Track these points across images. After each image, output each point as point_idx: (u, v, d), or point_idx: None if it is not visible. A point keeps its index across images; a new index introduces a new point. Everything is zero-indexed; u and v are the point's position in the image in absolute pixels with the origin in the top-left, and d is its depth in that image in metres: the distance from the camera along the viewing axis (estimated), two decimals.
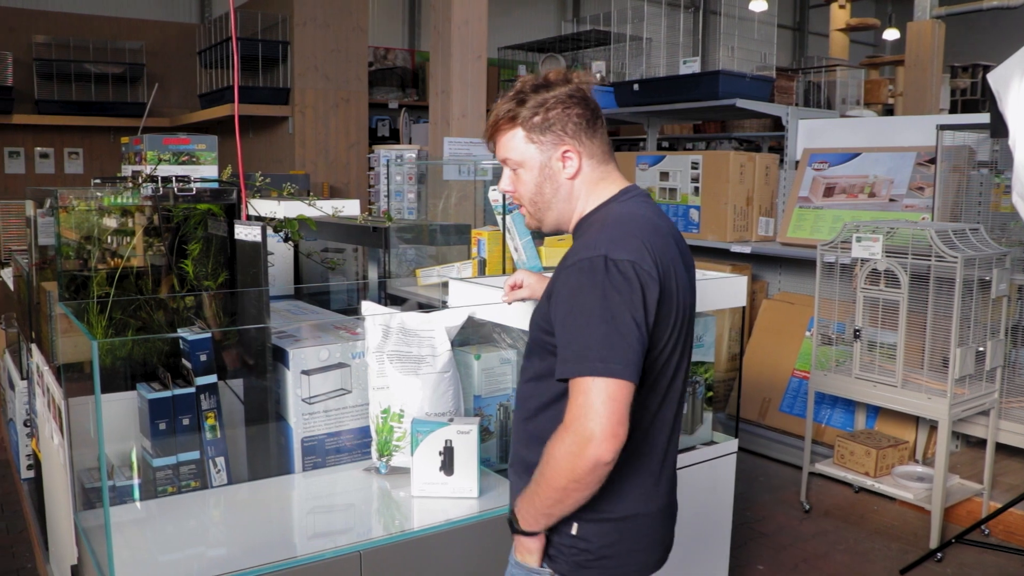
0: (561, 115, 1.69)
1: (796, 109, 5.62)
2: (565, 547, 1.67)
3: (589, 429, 1.48)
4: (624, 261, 1.55)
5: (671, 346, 1.65)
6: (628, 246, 1.58)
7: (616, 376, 1.49)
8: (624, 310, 1.53)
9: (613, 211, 1.71)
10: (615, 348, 1.51)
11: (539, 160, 1.72)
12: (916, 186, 4.78)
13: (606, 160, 1.76)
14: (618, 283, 1.54)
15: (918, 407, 3.91)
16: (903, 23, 9.48)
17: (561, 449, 1.52)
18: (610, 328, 1.51)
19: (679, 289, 1.66)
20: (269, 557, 1.85)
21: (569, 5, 14.46)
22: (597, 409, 1.48)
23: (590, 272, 1.56)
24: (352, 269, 4.54)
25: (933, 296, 3.87)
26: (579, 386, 1.51)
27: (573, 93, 1.71)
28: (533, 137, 1.71)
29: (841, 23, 11.89)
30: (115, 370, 2.44)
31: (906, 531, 4.06)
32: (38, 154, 9.82)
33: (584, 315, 1.54)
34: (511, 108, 1.72)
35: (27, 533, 3.84)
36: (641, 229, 1.63)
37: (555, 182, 1.73)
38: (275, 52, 8.43)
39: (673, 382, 1.69)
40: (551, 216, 1.78)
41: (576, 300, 1.56)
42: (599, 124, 1.75)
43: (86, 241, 2.57)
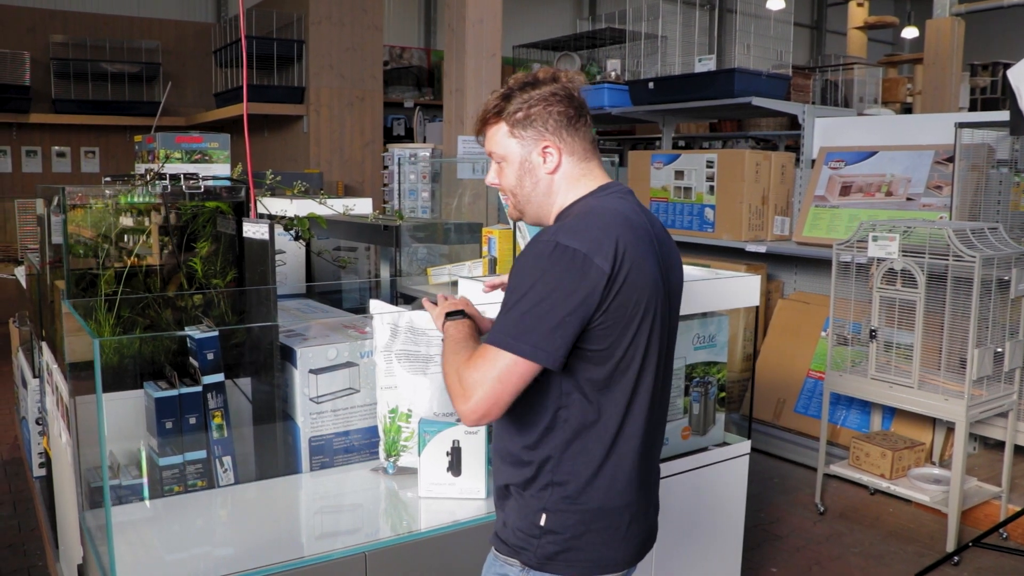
0: (542, 112, 1.74)
1: (812, 107, 5.56)
2: (533, 538, 1.70)
3: (472, 392, 1.57)
4: (572, 249, 1.58)
5: (633, 341, 1.66)
6: (584, 236, 1.61)
7: (521, 355, 1.56)
8: (555, 294, 1.57)
9: (587, 204, 1.74)
10: (529, 328, 1.57)
11: (520, 154, 1.77)
12: (934, 185, 4.72)
13: (588, 157, 1.80)
14: (558, 267, 1.58)
15: (935, 408, 3.86)
16: (922, 21, 9.40)
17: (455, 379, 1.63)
18: (534, 309, 1.57)
19: (647, 286, 1.66)
20: (274, 558, 1.84)
21: (585, 4, 14.43)
22: (489, 382, 1.57)
23: (536, 255, 1.61)
24: (365, 268, 4.53)
25: (951, 296, 3.81)
26: (487, 352, 1.59)
27: (557, 91, 1.75)
28: (515, 132, 1.76)
29: (859, 21, 11.80)
30: (123, 368, 2.43)
31: (922, 534, 4.01)
32: (55, 153, 9.88)
33: (518, 292, 1.60)
34: (498, 103, 1.77)
35: (38, 531, 3.85)
36: (608, 223, 1.65)
37: (535, 176, 1.78)
38: (290, 51, 8.44)
39: (642, 378, 1.70)
40: (531, 209, 1.83)
41: (516, 279, 1.63)
42: (582, 122, 1.79)
43: (94, 239, 2.57)
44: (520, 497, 1.72)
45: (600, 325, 1.61)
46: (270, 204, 3.60)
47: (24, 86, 9.14)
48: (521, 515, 1.72)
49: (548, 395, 1.67)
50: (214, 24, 10.41)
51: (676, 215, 5.67)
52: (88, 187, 2.58)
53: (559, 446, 1.68)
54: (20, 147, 9.69)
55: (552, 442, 1.68)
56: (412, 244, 3.97)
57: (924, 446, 4.30)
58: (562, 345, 1.59)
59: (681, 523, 2.71)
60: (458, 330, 1.82)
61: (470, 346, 1.72)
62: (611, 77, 6.83)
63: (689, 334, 2.75)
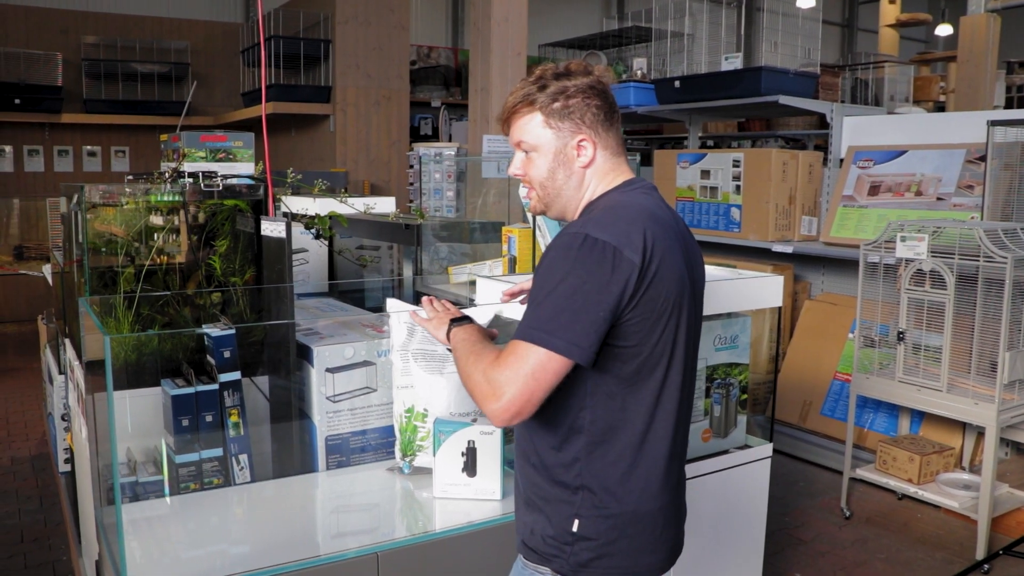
0: (581, 104, 1.70)
1: (841, 106, 5.49)
2: (566, 545, 1.66)
3: (503, 390, 1.53)
4: (602, 241, 1.55)
5: (661, 337, 1.63)
6: (613, 229, 1.57)
7: (553, 350, 1.52)
8: (586, 287, 1.54)
9: (613, 198, 1.71)
10: (563, 323, 1.53)
11: (555, 146, 1.72)
12: (965, 184, 4.64)
13: (618, 153, 1.77)
14: (588, 260, 1.55)
15: (964, 412, 3.78)
16: (956, 18, 9.25)
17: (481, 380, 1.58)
18: (566, 302, 1.53)
19: (675, 281, 1.64)
20: (286, 557, 1.83)
21: (613, 2, 14.37)
22: (522, 379, 1.53)
23: (565, 248, 1.58)
24: (388, 267, 4.53)
25: (981, 298, 3.74)
26: (518, 347, 1.55)
27: (594, 84, 1.72)
28: (551, 123, 1.71)
29: (891, 19, 11.65)
30: (142, 365, 2.44)
31: (951, 541, 3.93)
32: (86, 152, 10.01)
33: (547, 286, 1.56)
34: (530, 92, 1.72)
35: (63, 526, 3.89)
36: (635, 216, 1.63)
37: (568, 169, 1.74)
38: (317, 50, 8.48)
39: (669, 376, 1.66)
40: (559, 203, 1.78)
41: (545, 272, 1.59)
42: (615, 119, 1.76)
43: (113, 236, 2.58)
44: (549, 503, 1.68)
45: (630, 320, 1.58)
46: (292, 203, 3.61)
47: (56, 86, 9.27)
48: (551, 522, 1.68)
49: (573, 394, 1.63)
50: (242, 24, 10.49)
51: (702, 215, 5.62)
52: (105, 185, 2.59)
53: (586, 447, 1.64)
54: (52, 146, 9.82)
55: (578, 443, 1.64)
56: (434, 243, 3.96)
57: (953, 451, 4.22)
58: (595, 340, 1.55)
59: (701, 527, 2.68)
60: (469, 334, 1.79)
61: (489, 347, 1.69)
62: (637, 76, 6.79)
63: (711, 335, 2.71)
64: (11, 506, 4.23)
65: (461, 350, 1.74)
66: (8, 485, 4.49)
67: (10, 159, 9.64)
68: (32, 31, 9.49)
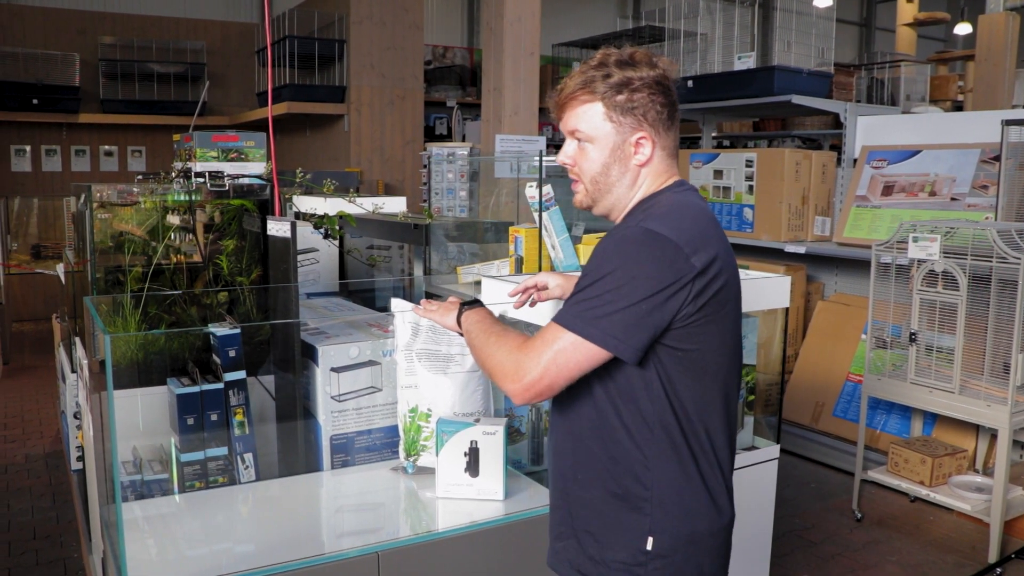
0: (646, 100, 1.61)
1: (855, 105, 5.45)
2: (638, 567, 1.57)
3: (526, 368, 1.51)
4: (663, 236, 1.48)
5: (722, 340, 1.58)
6: (675, 226, 1.51)
7: (587, 338, 1.47)
8: (637, 281, 1.47)
9: (669, 198, 1.63)
10: (602, 313, 1.47)
11: (613, 140, 1.63)
12: (980, 184, 4.60)
13: (674, 154, 1.70)
14: (645, 254, 1.48)
15: (977, 415, 3.75)
16: (976, 16, 9.17)
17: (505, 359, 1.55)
18: (609, 293, 1.47)
19: (734, 284, 1.60)
20: (288, 555, 1.84)
21: (629, 2, 14.34)
22: (548, 358, 1.49)
23: (621, 239, 1.51)
24: (398, 266, 4.54)
25: (995, 299, 3.71)
26: (549, 329, 1.52)
27: (660, 79, 1.63)
28: (613, 115, 1.62)
29: (908, 17, 11.56)
30: (148, 364, 2.46)
31: (963, 544, 3.90)
32: (103, 152, 10.09)
33: (594, 275, 1.51)
34: (593, 79, 1.62)
35: (75, 523, 3.92)
36: (697, 216, 1.57)
37: (623, 166, 1.65)
38: (332, 50, 8.51)
39: (728, 380, 1.61)
40: (608, 199, 1.69)
41: (596, 262, 1.53)
42: (676, 119, 1.68)
43: (121, 236, 2.60)
44: (610, 525, 1.59)
45: (693, 322, 1.51)
46: (303, 202, 3.62)
47: (74, 87, 9.35)
48: (619, 544, 1.58)
49: (631, 401, 1.56)
50: (258, 24, 10.53)
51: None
52: (111, 185, 2.61)
53: (650, 458, 1.56)
54: (70, 146, 9.90)
55: (641, 454, 1.56)
56: (444, 243, 3.96)
57: (966, 453, 4.19)
58: (639, 337, 1.48)
59: None
60: (482, 316, 1.76)
61: (511, 329, 1.65)
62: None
63: None
64: (24, 503, 4.26)
65: (476, 331, 1.71)
66: (22, 482, 4.53)
67: (28, 159, 9.73)
68: (50, 32, 9.57)
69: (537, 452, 2.55)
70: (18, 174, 9.69)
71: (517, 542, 2.08)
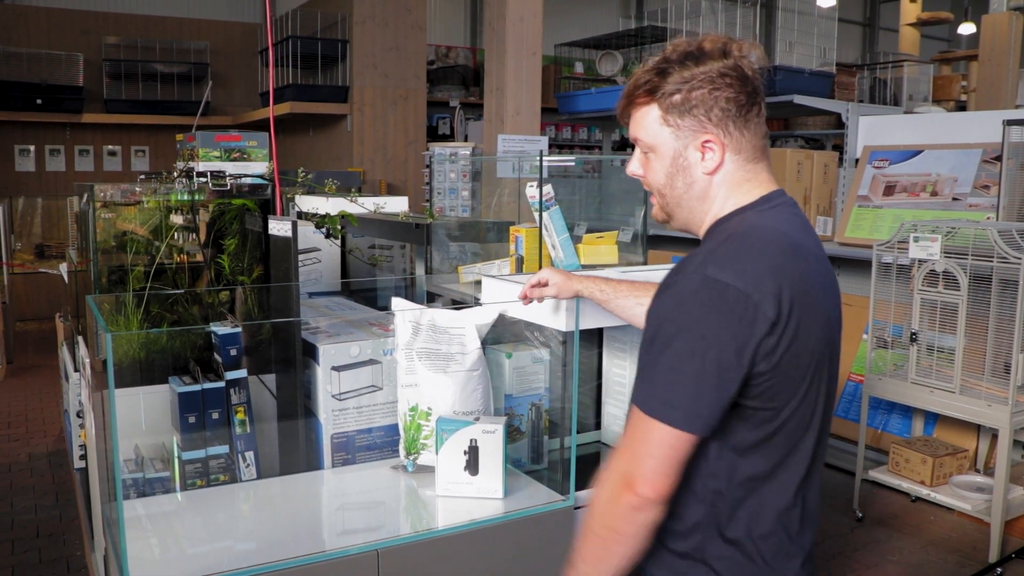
0: (707, 97, 1.41)
1: (857, 105, 5.46)
2: None
3: (631, 469, 1.34)
4: (730, 286, 1.30)
5: (804, 399, 1.38)
6: (743, 268, 1.31)
7: (673, 425, 1.31)
8: (708, 347, 1.29)
9: (747, 221, 1.42)
10: (681, 392, 1.30)
11: (673, 147, 1.45)
12: (981, 184, 4.60)
13: (757, 158, 1.47)
14: (711, 313, 1.30)
15: (978, 414, 3.75)
16: (980, 17, 9.17)
17: (603, 490, 1.38)
18: (684, 367, 1.30)
19: (819, 327, 1.38)
20: (287, 553, 1.85)
21: (631, 2, 14.35)
22: (648, 451, 1.33)
23: (681, 292, 1.34)
24: (400, 266, 4.55)
25: (995, 299, 3.71)
26: (639, 420, 1.34)
27: (727, 71, 1.41)
28: (670, 119, 1.44)
29: (912, 17, 11.55)
30: (151, 363, 2.47)
31: (964, 544, 3.90)
32: (106, 152, 10.11)
33: (662, 342, 1.33)
34: (650, 79, 1.45)
35: (78, 522, 3.94)
36: (771, 249, 1.36)
37: (689, 176, 1.46)
38: (334, 50, 8.53)
39: (805, 439, 1.41)
40: (681, 214, 1.51)
41: (658, 321, 1.35)
42: (755, 112, 1.44)
43: (123, 235, 2.61)
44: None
45: (763, 380, 1.34)
46: (305, 202, 3.63)
47: (77, 87, 9.37)
48: None
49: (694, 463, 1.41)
50: (261, 24, 10.56)
51: None
52: (114, 184, 2.63)
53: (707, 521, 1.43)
54: (73, 146, 9.93)
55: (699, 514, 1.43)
56: (446, 242, 3.97)
57: (967, 453, 4.19)
58: (719, 408, 1.32)
59: None
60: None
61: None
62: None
63: None
64: (28, 501, 4.28)
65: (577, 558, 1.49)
66: (25, 481, 4.55)
67: (32, 158, 9.76)
68: (54, 32, 9.60)
69: (537, 451, 2.56)
70: (22, 174, 9.72)
71: (516, 540, 2.10)
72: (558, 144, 11.80)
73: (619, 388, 2.66)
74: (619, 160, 5.21)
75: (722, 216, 1.47)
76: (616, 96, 6.65)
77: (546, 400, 2.52)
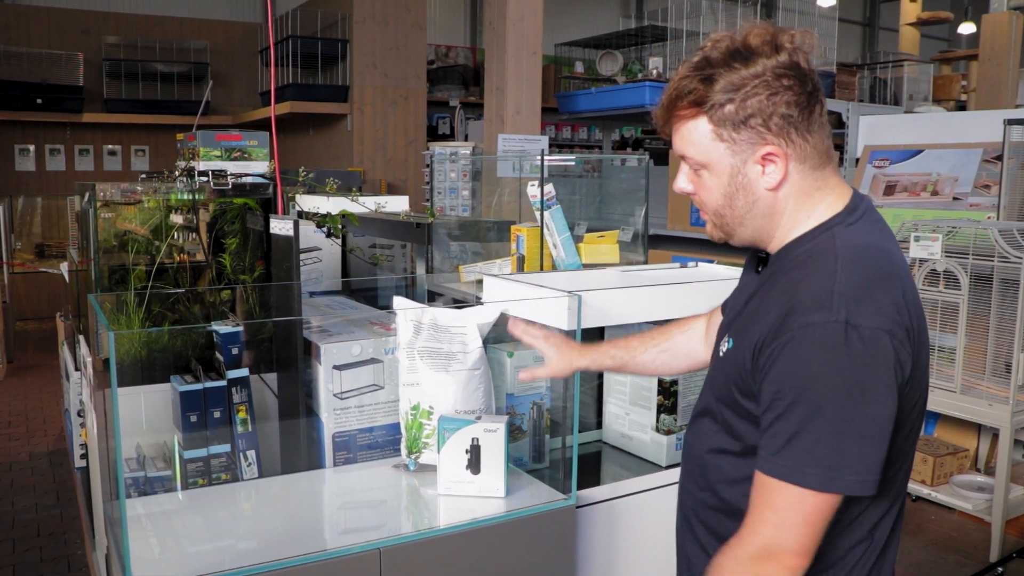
0: (765, 104, 1.23)
1: (857, 105, 5.47)
2: None
3: (778, 542, 1.20)
4: (874, 330, 1.16)
5: (913, 429, 1.30)
6: (875, 305, 1.17)
7: (842, 492, 1.18)
8: (869, 402, 1.16)
9: (842, 240, 1.26)
10: (848, 456, 1.16)
11: (730, 163, 1.29)
12: (982, 184, 4.60)
13: (824, 163, 1.30)
14: (863, 365, 1.15)
15: (978, 414, 3.76)
16: (980, 17, 9.17)
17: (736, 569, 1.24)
18: (847, 428, 1.16)
19: (926, 347, 1.28)
20: (289, 552, 1.85)
21: (631, 1, 14.35)
22: (795, 525, 1.19)
23: (825, 347, 1.16)
24: (400, 265, 4.55)
25: (996, 298, 3.71)
26: (781, 493, 1.19)
27: (784, 70, 1.23)
28: (723, 133, 1.27)
29: (912, 17, 11.56)
30: (152, 362, 2.47)
31: (965, 543, 3.90)
32: (106, 151, 10.12)
33: (811, 405, 1.16)
34: (695, 88, 1.26)
35: (79, 521, 3.94)
36: (887, 273, 1.22)
37: (751, 194, 1.30)
38: (334, 50, 8.53)
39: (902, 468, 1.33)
40: (744, 233, 1.36)
41: (801, 382, 1.18)
42: (816, 112, 1.27)
43: (124, 235, 2.62)
44: None
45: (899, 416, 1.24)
46: (305, 201, 3.64)
47: (77, 86, 9.38)
48: None
49: None
50: (261, 24, 10.56)
51: None
52: (115, 184, 2.63)
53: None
54: (73, 146, 9.93)
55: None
56: (447, 241, 3.97)
57: (968, 452, 4.19)
58: (884, 462, 1.19)
59: None
60: None
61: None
62: (653, 75, 6.78)
63: None
64: (28, 501, 4.28)
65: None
66: (26, 480, 4.55)
67: (32, 158, 9.76)
68: (54, 32, 9.61)
69: (538, 450, 2.56)
70: (22, 173, 9.72)
71: (518, 539, 2.10)
72: (558, 144, 11.80)
73: (619, 387, 2.66)
74: (619, 160, 5.21)
75: (804, 233, 1.31)
76: (616, 96, 6.65)
77: (547, 399, 2.52)
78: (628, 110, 6.57)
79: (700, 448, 1.46)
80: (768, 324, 1.25)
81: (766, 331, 1.24)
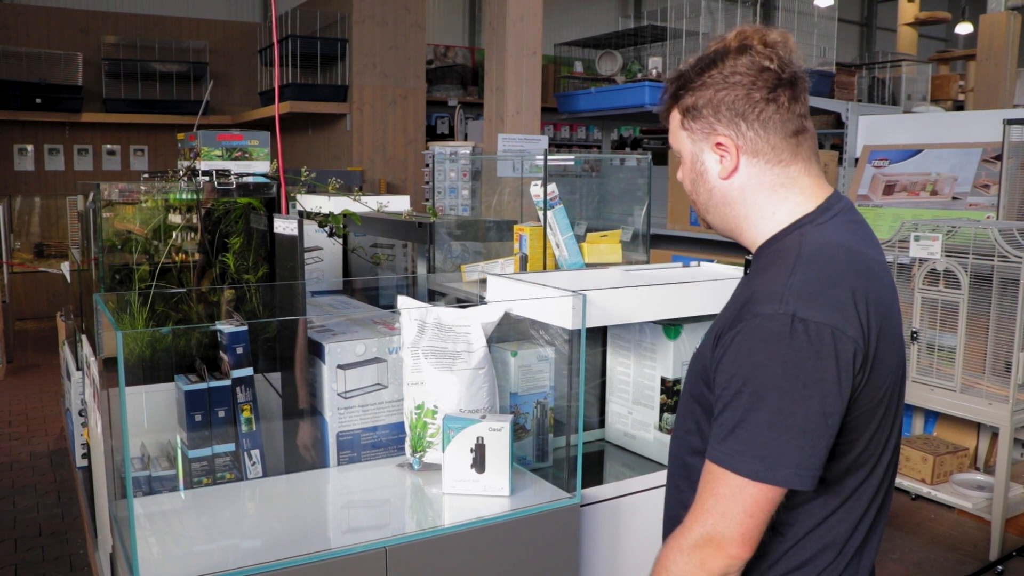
0: (714, 96, 1.32)
1: (856, 105, 5.48)
2: None
3: (719, 531, 1.23)
4: (820, 325, 1.18)
5: (879, 427, 1.30)
6: (827, 300, 1.20)
7: (779, 484, 1.20)
8: (810, 396, 1.18)
9: (807, 239, 1.30)
10: (786, 448, 1.19)
11: (691, 151, 1.39)
12: (981, 184, 4.61)
13: (787, 160, 1.33)
14: (806, 358, 1.18)
15: (978, 413, 3.77)
16: (977, 16, 9.19)
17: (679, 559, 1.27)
18: (787, 421, 1.18)
19: (894, 353, 1.29)
20: (294, 551, 1.85)
21: (630, 1, 14.36)
22: (736, 515, 1.22)
23: (771, 337, 1.19)
24: (402, 265, 4.55)
25: (996, 297, 3.72)
26: (724, 481, 1.23)
27: (743, 68, 1.30)
28: (685, 122, 1.38)
29: (909, 17, 11.58)
30: (156, 362, 2.48)
31: (964, 542, 3.91)
32: (105, 151, 10.11)
33: (754, 395, 1.20)
34: (672, 84, 1.41)
35: (81, 520, 3.94)
36: (846, 271, 1.25)
37: (707, 181, 1.38)
38: (334, 50, 8.53)
39: (874, 473, 1.33)
40: (714, 220, 1.43)
41: (747, 371, 1.21)
42: (774, 108, 1.31)
43: (128, 234, 2.62)
44: None
45: (851, 413, 1.25)
46: (307, 201, 3.64)
47: (76, 86, 9.37)
48: None
49: None
50: (260, 23, 10.56)
51: None
52: (121, 183, 2.63)
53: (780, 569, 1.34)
54: (72, 145, 9.93)
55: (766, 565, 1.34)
56: (448, 241, 3.98)
57: (968, 451, 4.21)
58: (824, 457, 1.22)
59: None
60: None
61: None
62: (652, 75, 6.78)
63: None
64: (30, 500, 4.28)
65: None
66: (27, 480, 4.55)
67: (31, 158, 9.75)
68: (53, 31, 9.60)
69: (542, 449, 2.57)
70: (21, 173, 9.71)
71: (523, 537, 2.10)
72: (557, 143, 11.81)
73: (623, 386, 2.67)
74: (619, 159, 5.21)
75: (777, 233, 1.35)
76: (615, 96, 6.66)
77: (551, 398, 2.53)
78: (627, 110, 6.58)
79: (679, 449, 1.51)
80: (728, 316, 1.31)
81: (725, 323, 1.30)
